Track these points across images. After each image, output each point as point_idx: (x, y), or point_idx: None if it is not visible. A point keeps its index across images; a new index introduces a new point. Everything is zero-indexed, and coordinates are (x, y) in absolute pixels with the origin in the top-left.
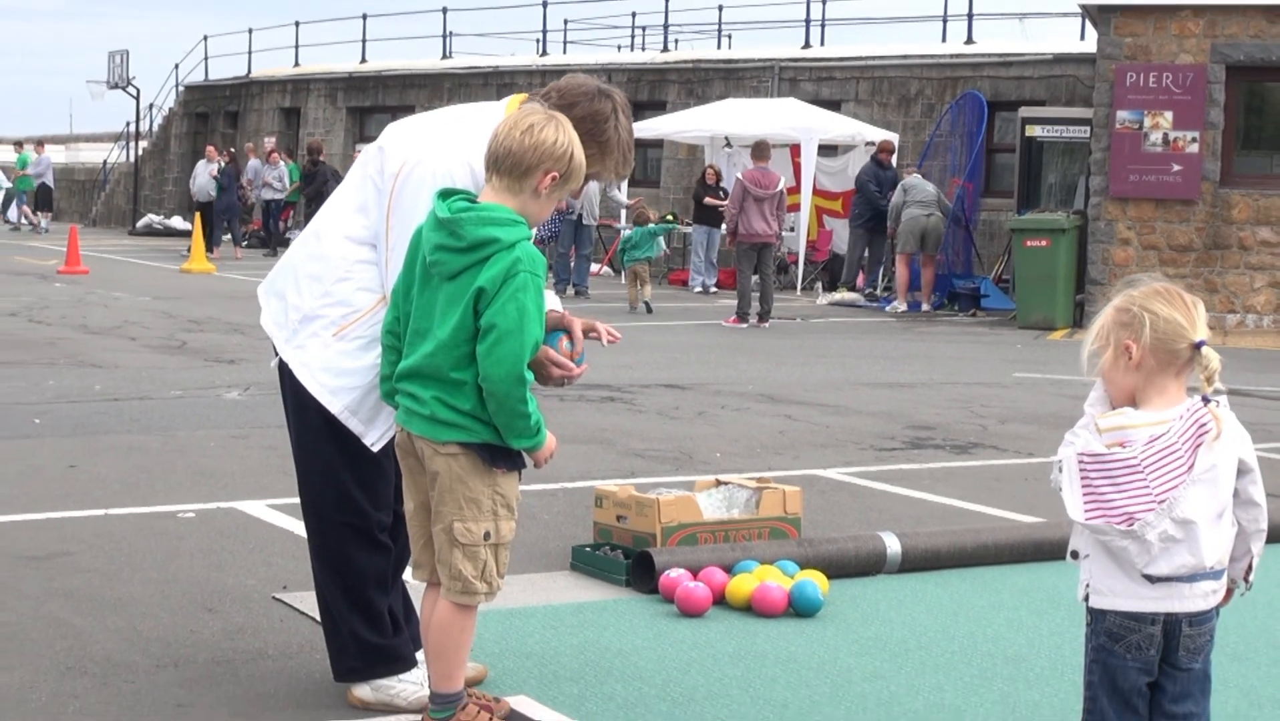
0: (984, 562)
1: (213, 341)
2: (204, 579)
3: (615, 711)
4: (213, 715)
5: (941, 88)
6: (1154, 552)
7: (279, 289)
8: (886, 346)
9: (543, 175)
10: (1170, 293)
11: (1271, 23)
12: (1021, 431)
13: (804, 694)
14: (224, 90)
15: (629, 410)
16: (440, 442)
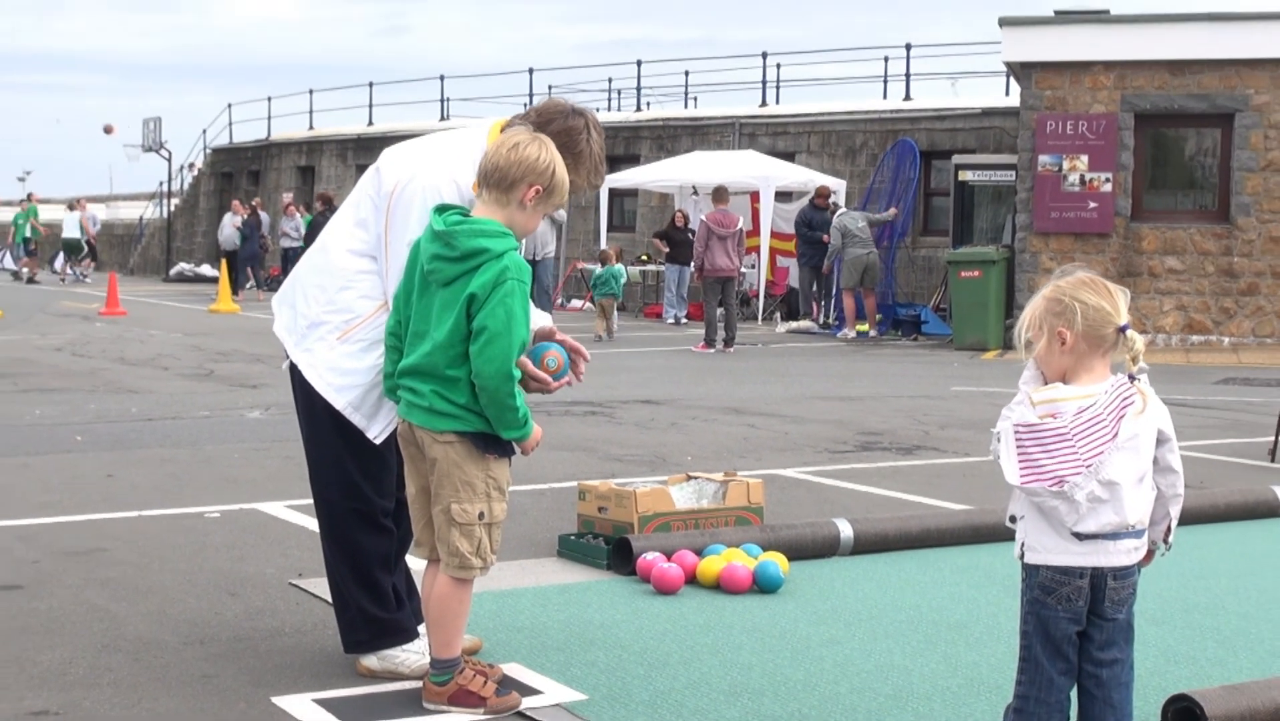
0: (927, 545)
1: (237, 370)
2: (227, 568)
3: (597, 675)
4: (235, 685)
5: (883, 139)
6: (1082, 512)
7: (290, 299)
8: (838, 366)
9: (527, 188)
10: (1096, 283)
11: (1174, 75)
12: (959, 436)
13: (768, 658)
14: (247, 152)
15: (609, 422)
16: (438, 432)
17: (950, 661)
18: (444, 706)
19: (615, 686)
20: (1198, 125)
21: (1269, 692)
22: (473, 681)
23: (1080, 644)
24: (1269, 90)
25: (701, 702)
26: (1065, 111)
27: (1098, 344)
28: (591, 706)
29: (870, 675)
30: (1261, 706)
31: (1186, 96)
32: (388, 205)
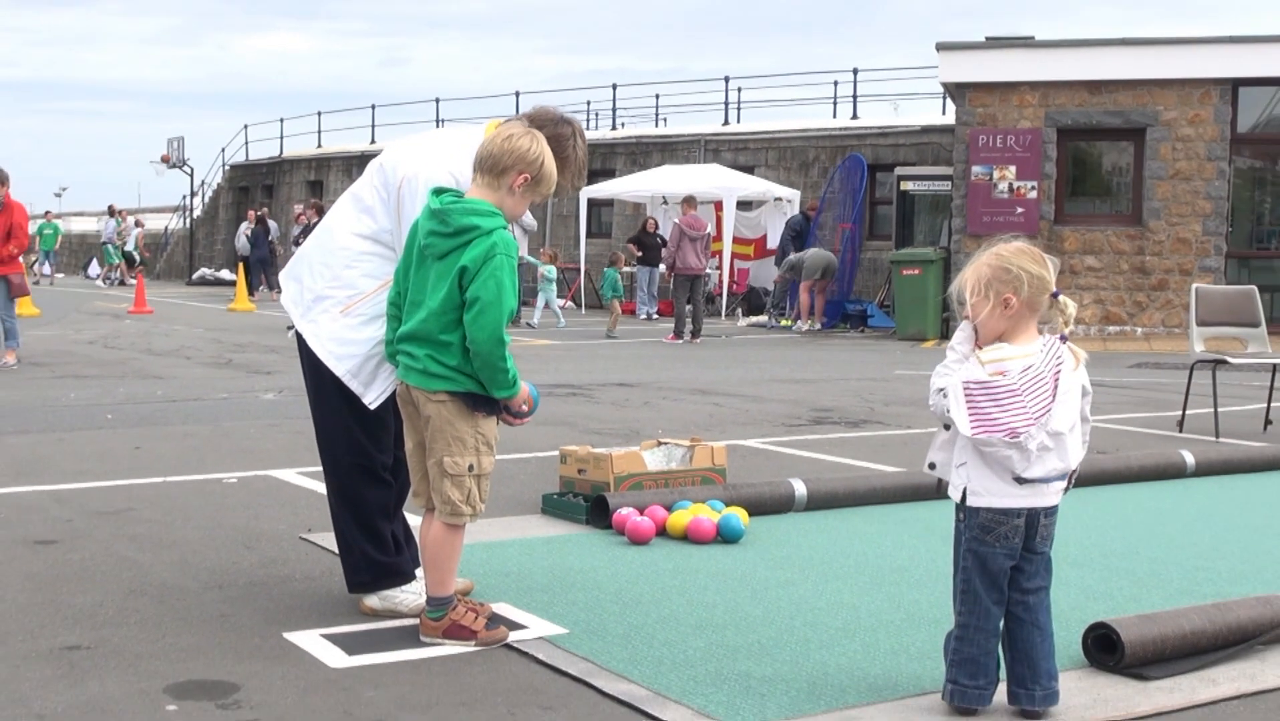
0: (872, 502)
1: (253, 359)
2: (244, 525)
3: (577, 612)
4: (250, 623)
5: (833, 154)
6: (1032, 459)
7: (296, 274)
8: (793, 355)
9: (516, 175)
10: (1034, 252)
11: (1092, 94)
12: (901, 411)
13: (730, 597)
14: (261, 168)
15: (588, 401)
16: (431, 391)
17: (893, 599)
18: (439, 639)
19: (593, 622)
20: (1113, 139)
21: (1177, 621)
22: (465, 616)
23: (1010, 575)
24: (1176, 107)
25: (670, 635)
26: (995, 127)
27: (1035, 307)
28: (572, 639)
29: (822, 611)
30: (1171, 633)
31: (1103, 113)
32: (397, 198)
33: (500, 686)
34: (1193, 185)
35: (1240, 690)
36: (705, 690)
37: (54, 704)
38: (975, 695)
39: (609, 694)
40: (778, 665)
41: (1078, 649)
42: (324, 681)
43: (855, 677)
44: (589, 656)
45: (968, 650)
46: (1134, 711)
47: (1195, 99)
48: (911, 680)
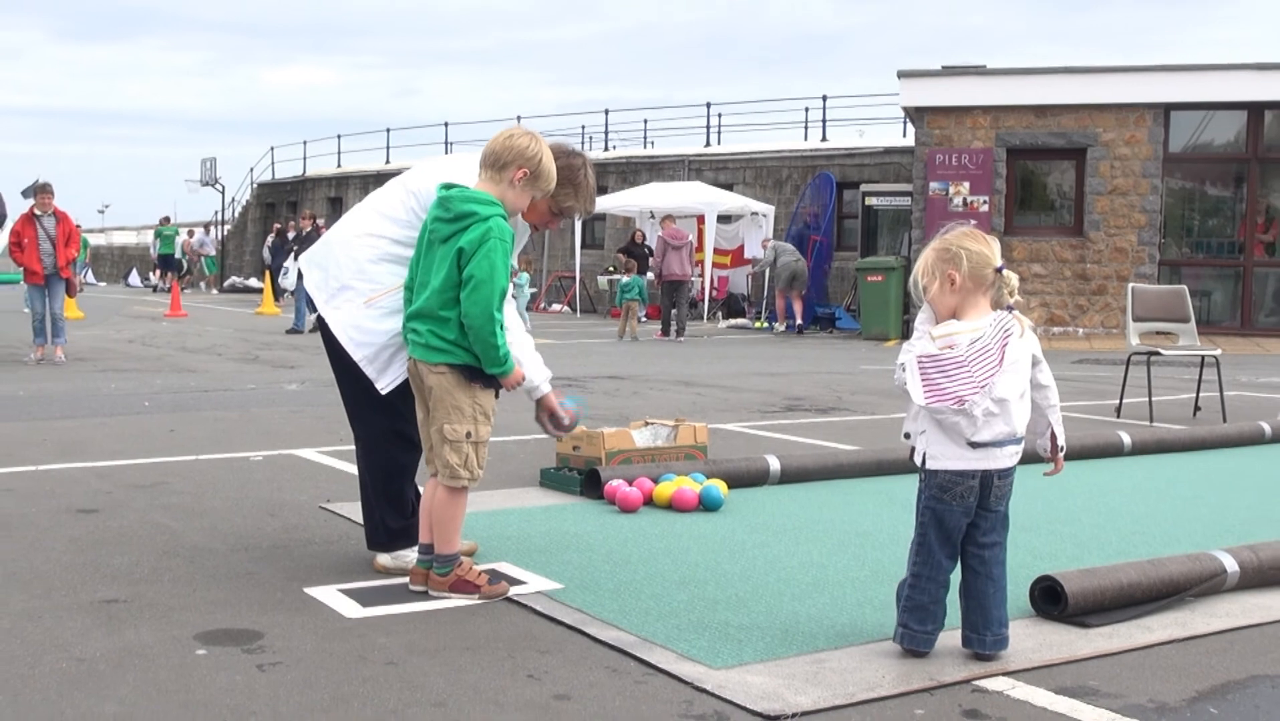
0: (840, 476)
1: (278, 356)
2: (268, 496)
3: (572, 571)
4: (273, 579)
5: (805, 173)
6: (979, 425)
7: (320, 262)
8: (768, 352)
9: (516, 170)
10: (976, 233)
11: (1038, 117)
12: (867, 400)
13: (710, 556)
14: (286, 186)
15: (582, 390)
16: (432, 364)
17: (859, 559)
18: (446, 593)
19: (586, 578)
20: (1057, 158)
21: (1115, 574)
22: (469, 572)
23: (967, 531)
24: (1114, 129)
25: (656, 590)
26: (951, 147)
27: (980, 283)
28: (566, 593)
29: (794, 569)
30: (1109, 585)
31: (1048, 134)
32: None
33: (502, 634)
34: (1129, 200)
35: (1173, 636)
36: (688, 636)
37: (93, 649)
38: (923, 639)
39: (600, 639)
40: (754, 615)
41: (1025, 601)
42: (341, 630)
43: (824, 625)
44: (582, 608)
45: (919, 598)
46: (1076, 654)
47: (1131, 122)
48: (875, 627)
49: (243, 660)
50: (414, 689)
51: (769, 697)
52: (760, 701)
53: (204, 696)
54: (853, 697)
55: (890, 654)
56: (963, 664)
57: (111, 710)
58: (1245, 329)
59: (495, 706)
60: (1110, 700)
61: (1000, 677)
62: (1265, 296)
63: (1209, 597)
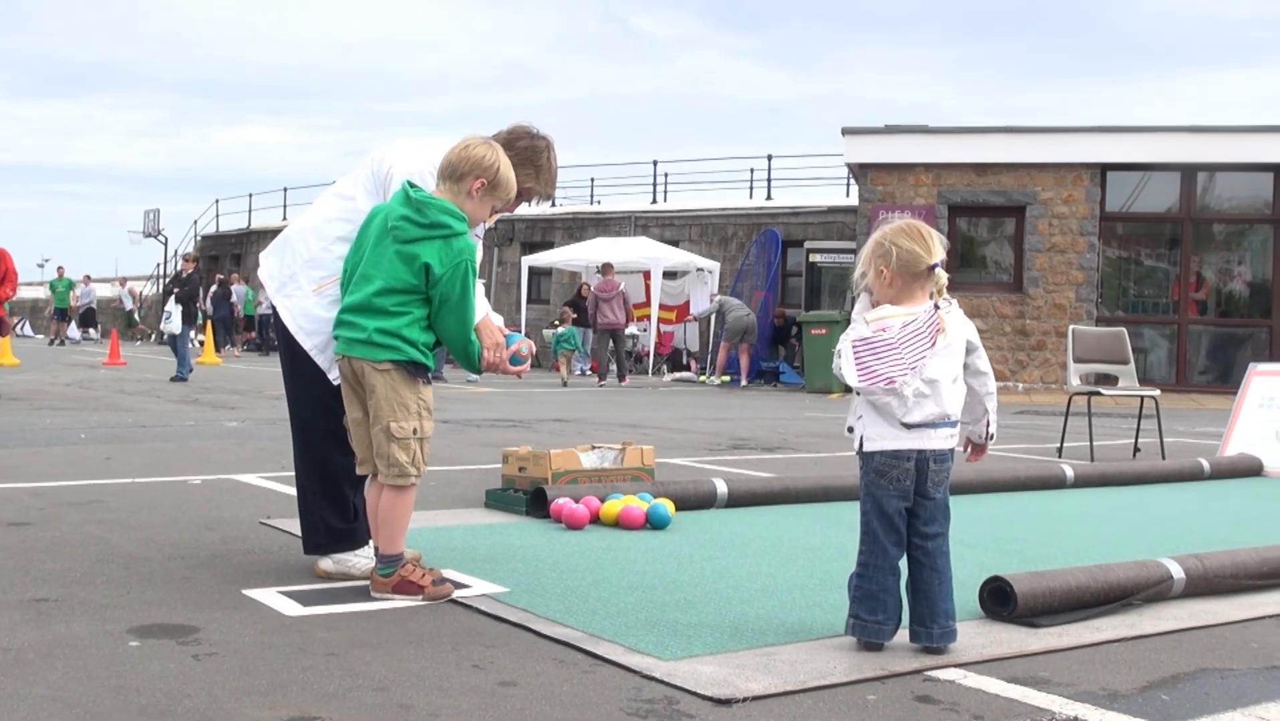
0: (787, 501)
1: (219, 398)
2: (207, 513)
3: (517, 577)
4: (211, 583)
5: (750, 230)
6: (910, 405)
7: (279, 252)
8: (713, 401)
9: (473, 180)
10: (913, 230)
11: (979, 175)
12: (811, 441)
13: (658, 567)
14: (231, 238)
15: (528, 431)
16: (377, 361)
17: (807, 569)
18: (389, 594)
19: (532, 583)
20: (997, 215)
21: (1063, 577)
22: (413, 573)
23: (909, 521)
24: (1052, 187)
25: (603, 594)
26: (894, 203)
27: (913, 278)
28: (512, 596)
29: (742, 578)
30: (1058, 587)
31: (989, 192)
32: (385, 185)
33: (446, 630)
34: (1067, 257)
35: (1122, 635)
36: (636, 633)
37: (21, 640)
38: (875, 629)
39: (547, 635)
40: (703, 615)
41: (975, 604)
42: (280, 626)
43: (774, 624)
44: (528, 608)
45: (867, 586)
46: (1027, 649)
47: (1069, 181)
48: (825, 626)
49: (177, 651)
50: (355, 676)
51: (719, 684)
52: (711, 687)
53: (136, 682)
54: (804, 685)
55: (841, 647)
56: (913, 656)
57: (40, 692)
58: (1181, 385)
59: (440, 691)
60: (1062, 688)
61: (952, 669)
62: (1200, 354)
63: (1156, 603)
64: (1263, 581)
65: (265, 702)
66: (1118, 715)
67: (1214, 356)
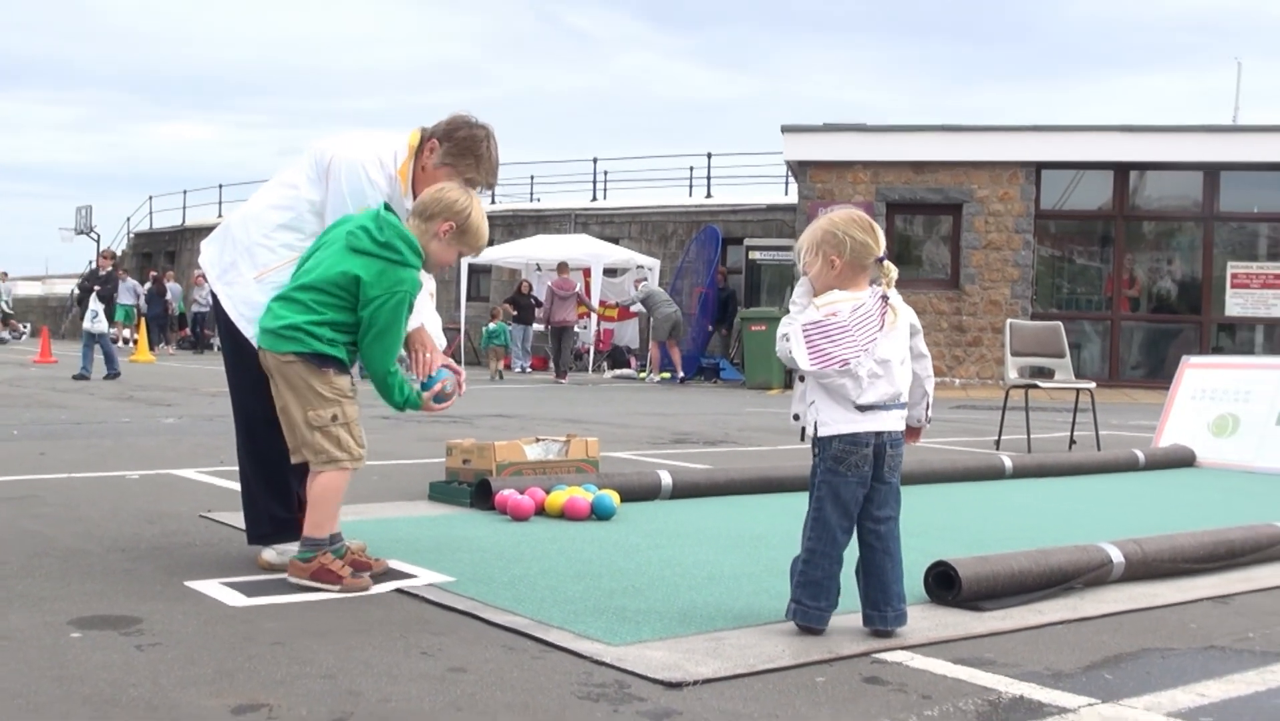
0: (730, 492)
1: (154, 396)
2: (147, 507)
3: (464, 567)
4: (153, 575)
5: (690, 228)
6: (864, 386)
7: (219, 240)
8: (654, 397)
9: (442, 222)
10: (863, 221)
11: (916, 173)
12: (753, 435)
13: (605, 556)
14: (165, 236)
15: (470, 428)
16: (280, 353)
17: (752, 557)
18: (305, 580)
19: (479, 573)
20: (934, 212)
21: (1007, 562)
22: (333, 562)
23: (863, 506)
24: (988, 185)
25: (551, 582)
26: (832, 200)
27: (861, 269)
28: (459, 585)
29: (689, 566)
30: (1002, 571)
31: (926, 190)
32: (327, 173)
33: (393, 619)
34: (1002, 254)
35: (1064, 617)
36: (585, 619)
37: None
38: (816, 615)
39: (495, 622)
40: (651, 601)
41: (920, 589)
42: (225, 616)
43: (721, 610)
44: (476, 597)
45: (813, 573)
46: (972, 631)
47: (1005, 179)
48: (772, 612)
49: (120, 641)
50: (302, 664)
51: (669, 668)
52: (660, 671)
53: (79, 672)
54: (753, 668)
55: (788, 632)
56: (860, 639)
57: None
58: (1114, 380)
59: (388, 678)
60: (1008, 668)
61: (899, 651)
62: (1132, 349)
63: (1097, 587)
64: (1199, 565)
65: (212, 691)
66: (1062, 693)
67: (1146, 352)
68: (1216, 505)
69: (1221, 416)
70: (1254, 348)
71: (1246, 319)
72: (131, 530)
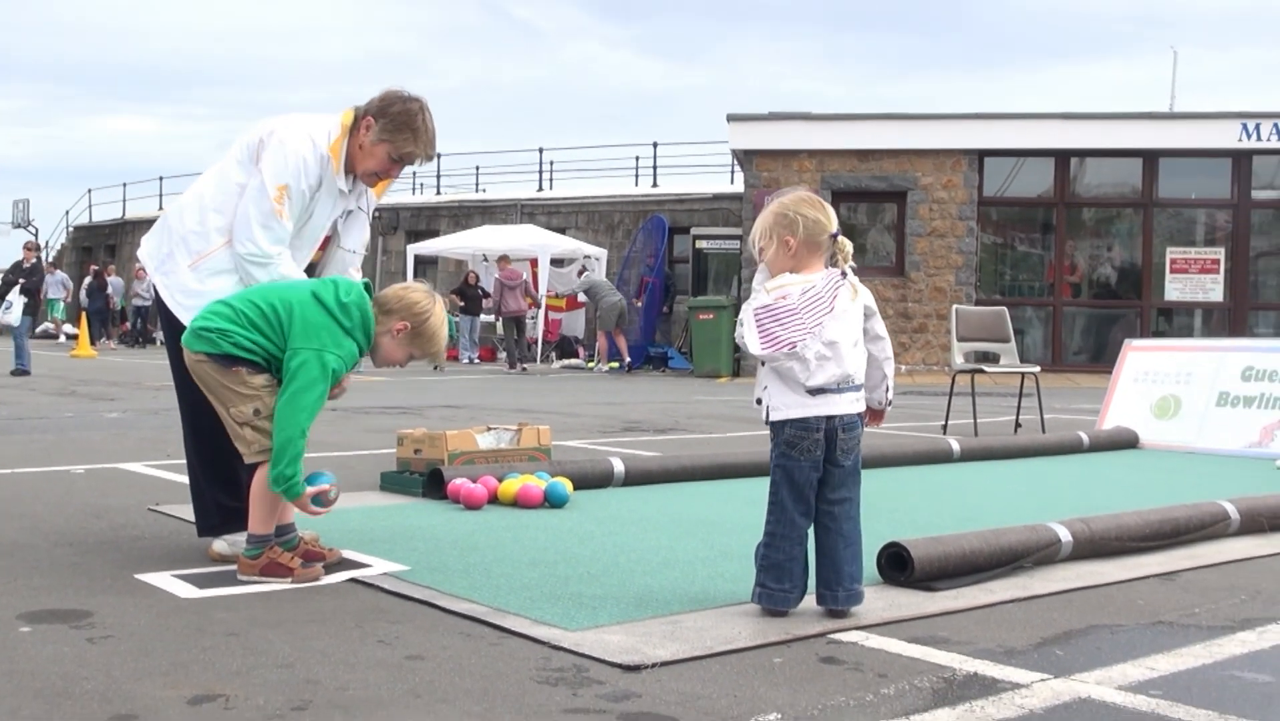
0: (684, 479)
1: (97, 390)
2: (94, 501)
3: (418, 556)
4: (102, 569)
5: (637, 218)
6: (812, 368)
7: (156, 232)
8: (603, 387)
9: (398, 321)
10: (813, 200)
11: (861, 161)
12: (702, 423)
13: (559, 543)
14: (105, 229)
15: (419, 418)
16: (194, 352)
17: (707, 542)
18: (256, 576)
19: (434, 561)
20: (880, 200)
21: (958, 542)
22: (282, 555)
23: (818, 489)
24: (932, 173)
25: (506, 570)
26: (778, 189)
27: (815, 247)
28: (414, 574)
29: (643, 551)
30: (953, 551)
31: (871, 177)
32: (258, 149)
33: (348, 608)
34: (946, 241)
35: (1015, 596)
36: (542, 606)
37: None
38: (781, 597)
39: (452, 610)
40: (607, 587)
41: (873, 569)
42: (176, 608)
43: (677, 594)
44: (431, 585)
45: (775, 556)
46: (925, 611)
47: (948, 166)
48: (728, 595)
49: (71, 635)
50: (258, 654)
51: (627, 652)
52: (619, 655)
53: (30, 666)
54: (710, 650)
55: (745, 614)
56: (817, 620)
57: None
58: (1056, 364)
59: (346, 666)
60: (962, 646)
61: (854, 631)
62: (1074, 334)
63: (1046, 566)
64: (1146, 543)
65: (166, 682)
66: (1015, 670)
67: (1088, 337)
68: (1160, 485)
69: (1164, 398)
70: (1193, 331)
71: (1185, 303)
72: (78, 524)
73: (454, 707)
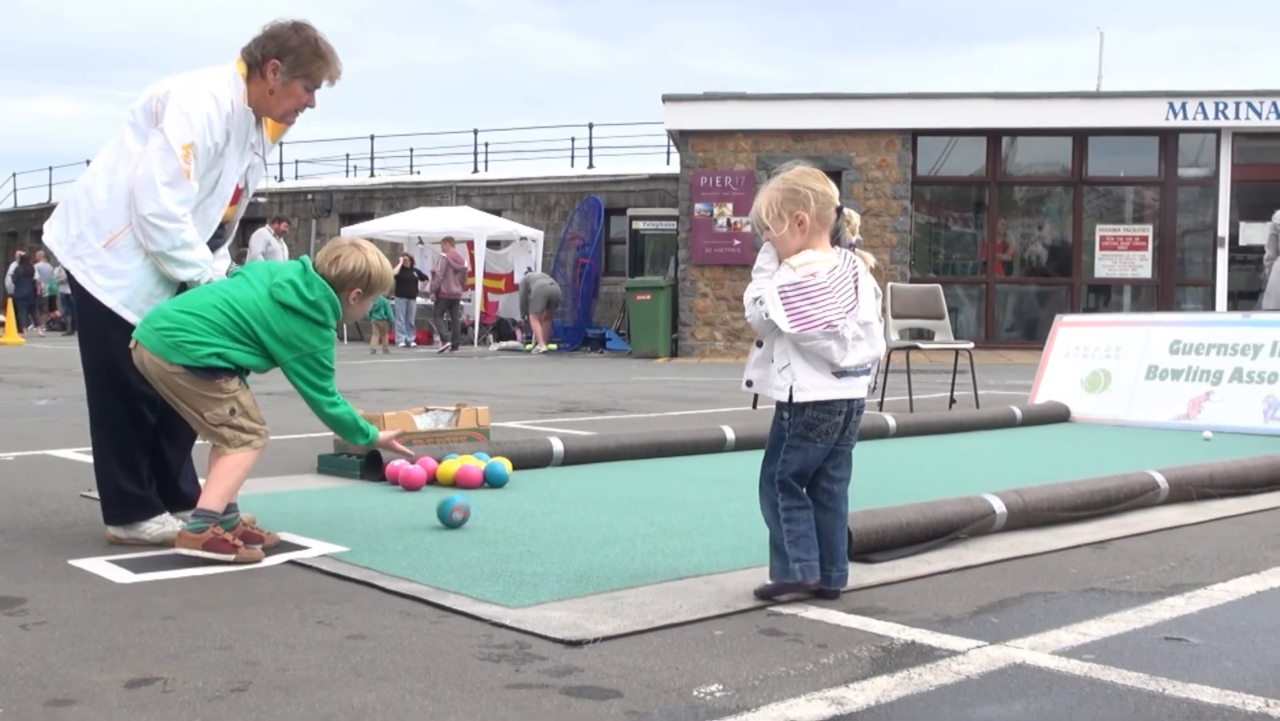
0: (623, 457)
1: (25, 378)
2: (24, 488)
3: (357, 538)
4: (35, 555)
5: (573, 199)
6: (848, 348)
7: (63, 214)
8: (540, 369)
9: (350, 290)
10: (816, 173)
11: (796, 140)
12: (641, 403)
13: (500, 523)
14: (30, 214)
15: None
16: (168, 363)
17: (646, 520)
18: (198, 551)
19: (373, 543)
20: None
21: (895, 515)
22: (224, 533)
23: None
24: (866, 153)
25: (447, 549)
26: (714, 169)
27: (825, 222)
28: (353, 555)
29: (584, 529)
30: (890, 524)
31: (805, 157)
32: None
33: (286, 590)
34: (881, 220)
35: (950, 566)
36: (483, 584)
37: None
38: (813, 567)
39: (392, 590)
40: (548, 565)
41: None
42: (111, 593)
43: (618, 570)
44: (370, 566)
45: (797, 528)
46: (863, 583)
47: (882, 146)
48: (668, 570)
49: (4, 622)
50: (196, 637)
51: (569, 627)
52: (560, 630)
53: None
54: (651, 624)
55: (685, 589)
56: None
57: None
58: (990, 341)
59: (286, 647)
60: (900, 616)
61: (794, 603)
62: (1006, 312)
63: (980, 537)
64: (1078, 513)
65: (103, 667)
66: (952, 637)
67: (1020, 314)
68: (1091, 457)
69: (1094, 372)
70: (1123, 307)
71: (1115, 280)
72: (9, 511)
73: (396, 685)
